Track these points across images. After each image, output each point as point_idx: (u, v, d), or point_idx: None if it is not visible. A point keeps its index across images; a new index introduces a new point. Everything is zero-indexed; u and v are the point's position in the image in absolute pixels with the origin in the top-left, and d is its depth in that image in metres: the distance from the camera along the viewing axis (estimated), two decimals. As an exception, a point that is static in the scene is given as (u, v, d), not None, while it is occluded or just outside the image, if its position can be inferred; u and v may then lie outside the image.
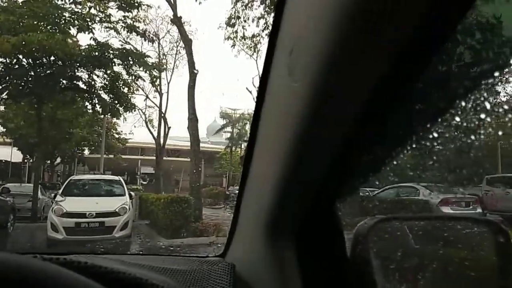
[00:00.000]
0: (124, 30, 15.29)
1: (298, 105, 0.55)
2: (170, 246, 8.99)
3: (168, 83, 23.16)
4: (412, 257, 0.95)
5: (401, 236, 0.94)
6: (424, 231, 1.01)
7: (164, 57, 22.93)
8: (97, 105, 15.48)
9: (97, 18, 14.08)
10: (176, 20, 14.30)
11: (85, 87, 14.92)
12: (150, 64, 16.01)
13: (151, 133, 23.04)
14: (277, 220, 0.72)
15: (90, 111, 17.14)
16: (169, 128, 22.48)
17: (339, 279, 0.71)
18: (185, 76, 14.43)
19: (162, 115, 22.46)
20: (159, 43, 21.91)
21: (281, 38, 0.60)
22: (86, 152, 27.20)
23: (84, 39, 16.03)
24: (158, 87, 21.83)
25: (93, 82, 14.88)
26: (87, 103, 16.43)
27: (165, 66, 22.23)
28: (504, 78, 0.61)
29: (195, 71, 13.18)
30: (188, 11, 59.34)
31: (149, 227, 12.14)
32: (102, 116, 18.69)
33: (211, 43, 58.76)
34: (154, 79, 19.09)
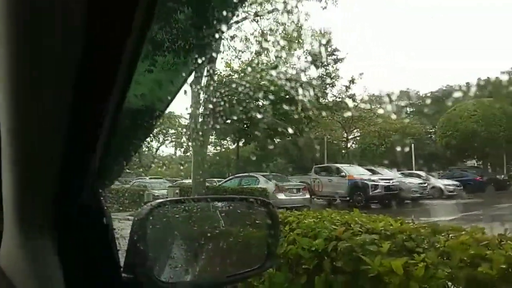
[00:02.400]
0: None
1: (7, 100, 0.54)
2: None
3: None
4: (191, 236, 1.06)
5: (178, 218, 1.03)
6: (203, 211, 1.10)
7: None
8: None
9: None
10: None
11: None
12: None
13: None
14: (30, 214, 0.72)
15: None
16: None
17: (106, 267, 0.78)
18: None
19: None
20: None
21: None
22: None
23: None
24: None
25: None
26: None
27: None
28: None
29: None
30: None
31: None
32: None
33: None
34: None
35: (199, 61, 1.00)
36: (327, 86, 24.67)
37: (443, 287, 1.56)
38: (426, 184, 20.41)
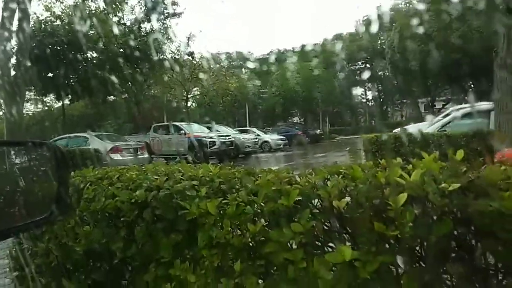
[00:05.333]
0: None
1: None
2: None
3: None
4: None
5: None
6: None
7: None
8: None
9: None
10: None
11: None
12: None
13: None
14: None
15: None
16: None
17: None
18: None
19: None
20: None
21: None
22: None
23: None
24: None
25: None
26: None
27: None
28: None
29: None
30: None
31: None
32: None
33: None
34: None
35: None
36: (165, 41, 23.83)
37: (251, 220, 1.73)
38: (257, 140, 22.42)
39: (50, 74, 18.62)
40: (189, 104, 32.67)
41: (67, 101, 22.01)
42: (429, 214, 1.35)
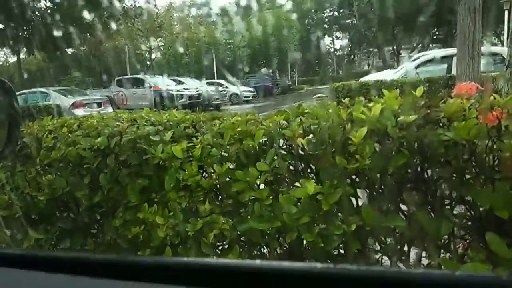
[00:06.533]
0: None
1: None
2: None
3: None
4: None
5: None
6: None
7: None
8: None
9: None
10: None
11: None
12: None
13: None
14: None
15: None
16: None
17: None
18: None
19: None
20: None
21: None
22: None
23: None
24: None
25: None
26: None
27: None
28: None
29: None
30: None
31: None
32: None
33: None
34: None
35: None
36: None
37: (218, 162, 1.74)
38: (226, 92, 22.14)
39: (0, 26, 17.24)
40: (153, 56, 31.48)
41: (22, 56, 20.63)
42: (387, 147, 1.40)
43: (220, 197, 1.81)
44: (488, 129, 1.33)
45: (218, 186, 1.78)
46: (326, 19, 48.63)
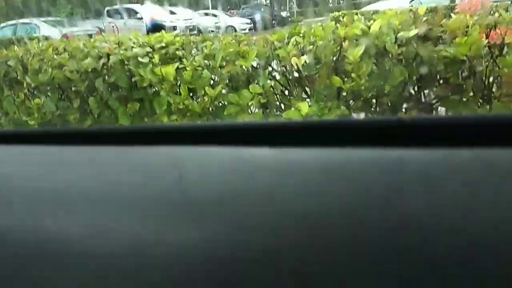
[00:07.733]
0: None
1: None
2: None
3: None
4: None
5: None
6: None
7: None
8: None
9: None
10: None
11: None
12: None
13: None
14: None
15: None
16: None
17: None
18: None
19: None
20: None
21: None
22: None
23: None
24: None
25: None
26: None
27: None
28: None
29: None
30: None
31: None
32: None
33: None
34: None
35: None
36: None
37: (208, 85, 1.68)
38: (221, 23, 21.26)
39: None
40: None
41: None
42: (385, 65, 1.35)
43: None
44: (490, 46, 1.27)
45: (210, 109, 1.75)
46: None
